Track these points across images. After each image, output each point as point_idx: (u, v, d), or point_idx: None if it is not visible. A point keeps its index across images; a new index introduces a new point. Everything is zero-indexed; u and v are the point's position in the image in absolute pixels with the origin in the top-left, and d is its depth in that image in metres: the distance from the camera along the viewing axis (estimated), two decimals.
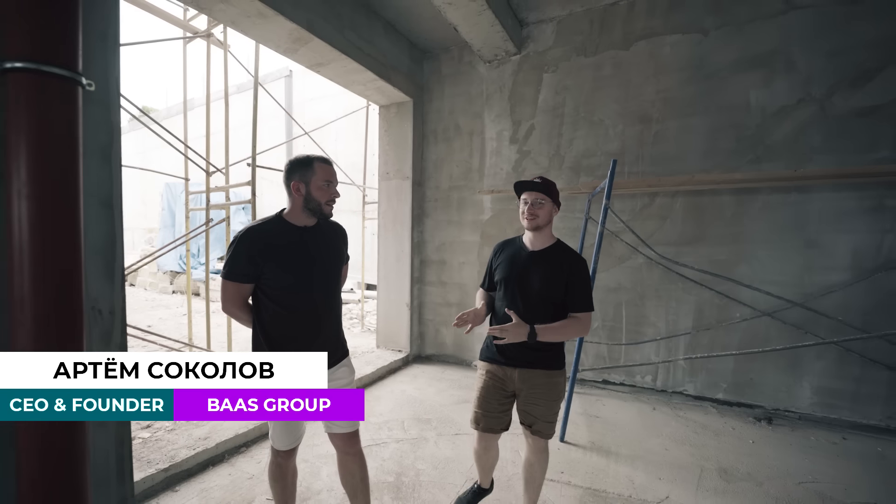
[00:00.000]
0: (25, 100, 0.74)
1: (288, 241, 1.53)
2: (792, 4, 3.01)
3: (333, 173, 1.58)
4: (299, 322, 1.56)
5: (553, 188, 1.71)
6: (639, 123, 3.47)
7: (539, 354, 1.70)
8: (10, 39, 0.73)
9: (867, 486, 2.26)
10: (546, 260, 1.70)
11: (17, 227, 0.74)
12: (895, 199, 2.80)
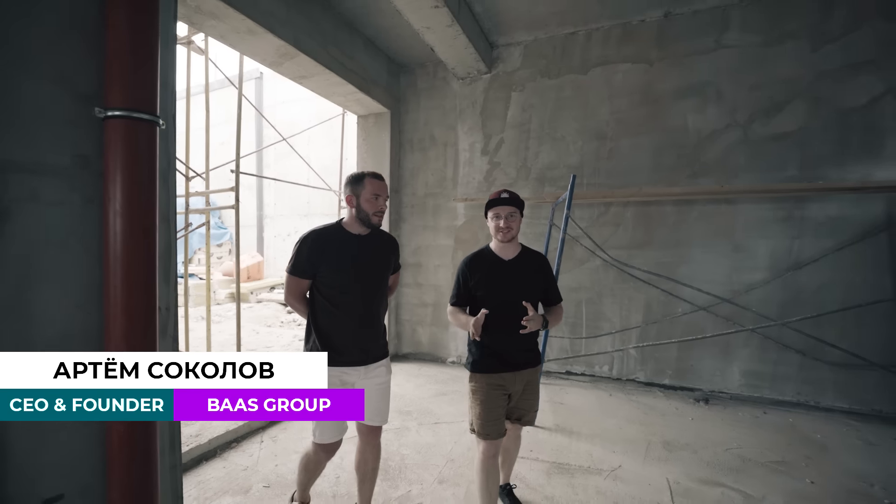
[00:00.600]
0: (121, 139, 0.93)
1: (341, 246, 1.71)
2: (721, 43, 3.52)
3: (382, 187, 1.72)
4: (343, 319, 1.71)
5: (520, 199, 1.84)
6: (595, 140, 3.89)
7: (530, 354, 1.87)
8: (110, 94, 0.92)
9: (779, 449, 2.73)
10: (522, 267, 1.84)
11: (112, 239, 0.93)
12: (801, 210, 3.35)
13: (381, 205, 1.73)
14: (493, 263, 1.84)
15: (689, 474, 2.42)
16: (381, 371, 1.82)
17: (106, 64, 0.92)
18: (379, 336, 1.84)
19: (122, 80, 0.92)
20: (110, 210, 0.92)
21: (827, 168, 3.28)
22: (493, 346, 1.81)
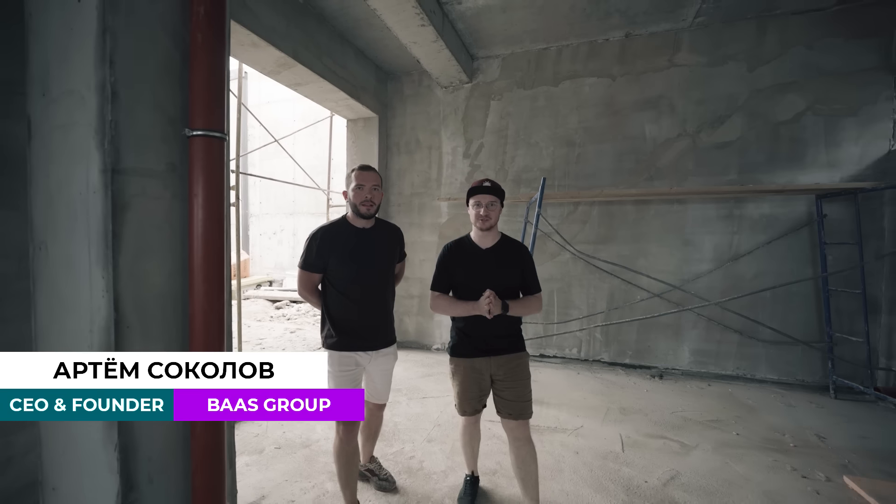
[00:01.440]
0: (202, 151, 1.25)
1: (346, 240, 1.83)
2: (673, 63, 4.01)
3: (366, 177, 1.81)
4: (352, 307, 1.83)
5: (500, 189, 1.86)
6: (565, 146, 4.33)
7: (507, 340, 1.88)
8: (193, 118, 1.25)
9: (716, 411, 3.21)
10: (500, 255, 1.87)
11: (196, 224, 1.24)
12: (740, 210, 3.87)
13: (366, 194, 1.80)
14: (471, 251, 1.89)
15: (639, 431, 2.87)
16: (388, 356, 1.96)
17: (190, 97, 1.25)
18: (387, 322, 1.95)
19: (202, 108, 1.25)
20: (194, 203, 1.25)
21: (760, 173, 3.80)
22: (469, 332, 1.86)
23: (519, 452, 1.82)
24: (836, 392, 3.55)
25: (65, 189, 1.18)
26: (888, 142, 3.52)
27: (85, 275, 1.15)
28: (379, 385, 1.99)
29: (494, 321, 1.79)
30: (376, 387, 1.98)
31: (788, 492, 2.19)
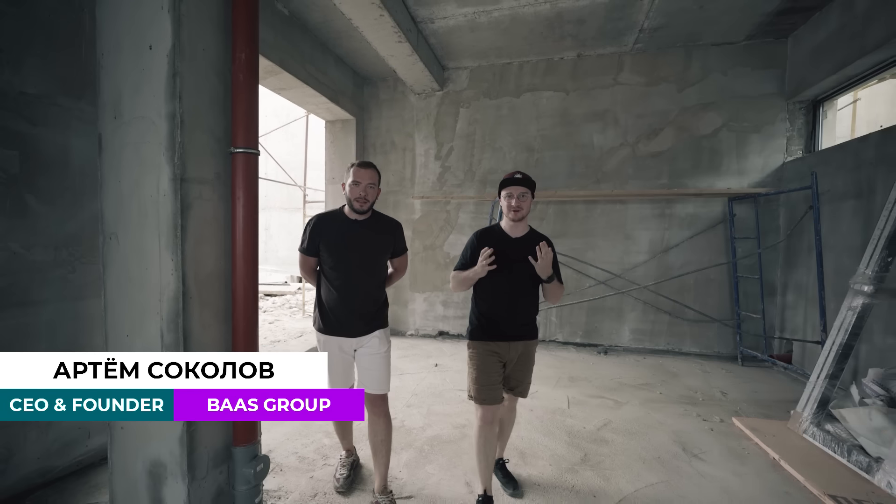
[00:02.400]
0: (242, 164, 1.62)
1: (338, 229, 1.90)
2: (617, 81, 4.62)
3: (363, 174, 1.86)
4: (336, 293, 1.89)
5: (532, 181, 1.89)
6: (526, 151, 4.87)
7: (528, 327, 1.95)
8: (235, 139, 1.62)
9: (647, 378, 3.86)
10: (529, 245, 1.86)
11: (238, 220, 1.61)
12: (670, 209, 4.56)
13: (360, 191, 1.84)
14: (501, 239, 1.91)
15: (583, 393, 3.45)
16: (374, 342, 1.93)
17: (233, 122, 1.61)
18: (371, 310, 1.94)
19: (242, 131, 1.62)
20: (237, 204, 1.62)
21: (686, 178, 4.50)
22: (491, 317, 1.90)
23: (506, 416, 2.11)
24: (743, 360, 4.32)
25: (136, 192, 1.52)
26: (783, 155, 4.29)
27: (155, 258, 1.51)
28: (373, 370, 1.93)
29: (518, 307, 1.89)
30: (371, 373, 1.94)
31: (691, 430, 2.82)
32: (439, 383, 3.64)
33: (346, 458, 2.24)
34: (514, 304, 1.89)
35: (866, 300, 2.61)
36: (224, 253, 1.64)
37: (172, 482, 1.53)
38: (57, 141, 2.06)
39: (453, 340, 5.09)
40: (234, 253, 1.64)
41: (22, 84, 1.92)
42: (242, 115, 1.62)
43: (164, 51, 1.46)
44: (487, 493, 1.95)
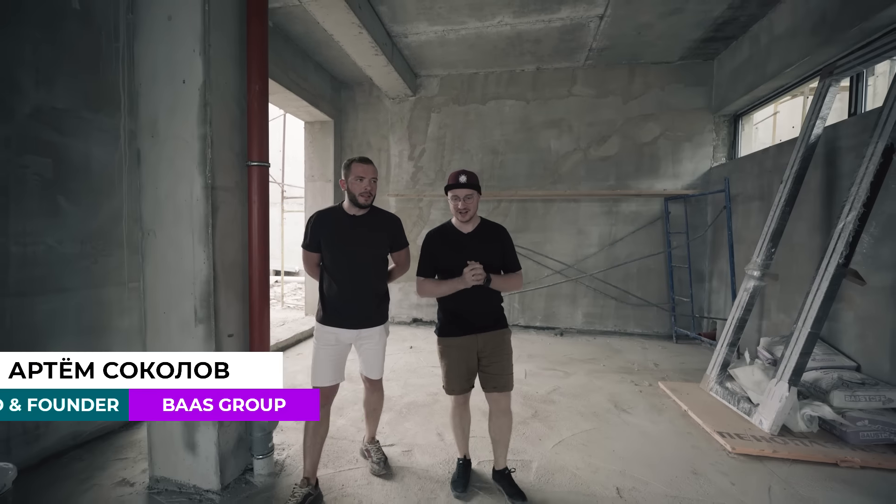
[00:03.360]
0: (256, 175, 2.01)
1: (338, 224, 1.93)
2: (571, 93, 5.19)
3: (366, 170, 1.87)
4: (336, 286, 1.93)
5: (476, 179, 1.91)
6: (491, 154, 5.38)
7: (493, 317, 1.97)
8: (251, 154, 2.01)
9: (594, 354, 4.48)
10: (481, 238, 1.93)
11: (253, 219, 2.02)
12: (616, 207, 5.19)
13: (366, 186, 1.87)
14: (454, 237, 1.96)
15: (538, 367, 4.02)
16: (373, 336, 2.02)
17: (248, 140, 2.00)
18: (371, 305, 1.98)
19: (256, 148, 2.01)
20: (252, 207, 2.01)
21: (630, 180, 5.14)
22: (456, 312, 1.94)
23: (499, 421, 2.00)
24: (677, 338, 5.02)
25: (171, 197, 1.89)
26: (710, 161, 5.00)
27: (189, 250, 1.89)
28: (367, 361, 2.09)
29: (478, 299, 1.90)
30: (369, 362, 2.09)
31: (623, 392, 3.42)
32: (414, 361, 4.12)
33: (300, 489, 1.90)
34: (475, 297, 1.89)
35: (756, 283, 3.28)
36: (242, 246, 2.04)
37: (205, 429, 1.93)
38: (81, 149, 2.36)
39: (426, 326, 5.57)
40: (251, 246, 2.04)
41: (53, 100, 2.22)
42: (256, 135, 2.02)
43: (196, 85, 1.84)
44: (466, 458, 2.14)
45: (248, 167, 2.02)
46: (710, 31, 4.29)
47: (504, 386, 1.95)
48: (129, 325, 2.68)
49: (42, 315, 2.20)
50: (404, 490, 2.07)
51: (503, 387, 1.95)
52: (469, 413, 2.11)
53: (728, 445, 2.47)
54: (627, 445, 2.54)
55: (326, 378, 1.95)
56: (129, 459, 2.29)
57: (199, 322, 1.89)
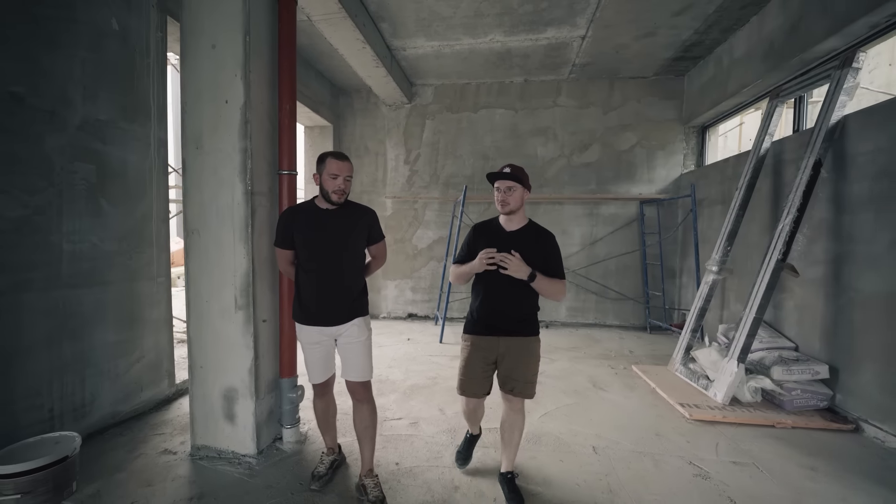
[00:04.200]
0: (286, 182, 2.32)
1: (309, 219, 1.88)
2: (556, 103, 5.61)
3: (342, 167, 1.81)
4: (310, 283, 1.90)
5: (522, 173, 1.83)
6: (482, 159, 5.75)
7: (523, 323, 1.88)
8: (281, 163, 2.32)
9: (575, 343, 4.90)
10: (523, 238, 1.85)
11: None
12: (597, 210, 5.63)
13: (339, 184, 1.81)
14: (496, 233, 1.90)
15: None
16: (353, 331, 1.91)
17: (279, 152, 2.31)
18: (346, 300, 1.91)
19: (286, 158, 2.32)
20: (283, 207, 2.34)
21: (609, 185, 5.59)
22: (483, 311, 1.89)
23: (511, 419, 1.95)
24: (651, 329, 5.49)
25: (214, 201, 2.19)
26: (680, 168, 5.49)
27: (230, 247, 2.19)
28: (348, 359, 1.94)
29: (509, 301, 1.84)
30: (350, 361, 1.94)
31: (601, 374, 3.83)
32: (413, 351, 4.46)
33: (327, 456, 2.15)
34: (504, 300, 1.84)
35: (714, 277, 3.74)
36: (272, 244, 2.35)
37: (243, 401, 2.24)
38: (119, 156, 2.63)
39: (421, 321, 5.91)
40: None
41: (97, 112, 2.48)
42: (286, 148, 2.33)
43: (238, 105, 2.14)
44: (473, 434, 2.21)
45: (279, 175, 2.33)
46: (680, 52, 4.76)
47: (522, 391, 1.87)
48: (157, 315, 2.95)
49: (88, 306, 2.46)
50: (414, 452, 2.41)
51: (521, 392, 1.87)
52: (481, 412, 2.09)
53: (687, 413, 2.89)
54: (603, 415, 2.95)
55: (319, 375, 2.01)
56: (166, 434, 2.58)
57: (239, 309, 2.20)
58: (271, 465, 2.23)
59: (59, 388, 2.31)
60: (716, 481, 2.16)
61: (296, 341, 2.43)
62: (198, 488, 2.03)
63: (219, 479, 2.11)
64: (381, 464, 2.25)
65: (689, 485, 2.14)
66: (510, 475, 2.01)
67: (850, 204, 2.84)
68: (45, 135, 2.21)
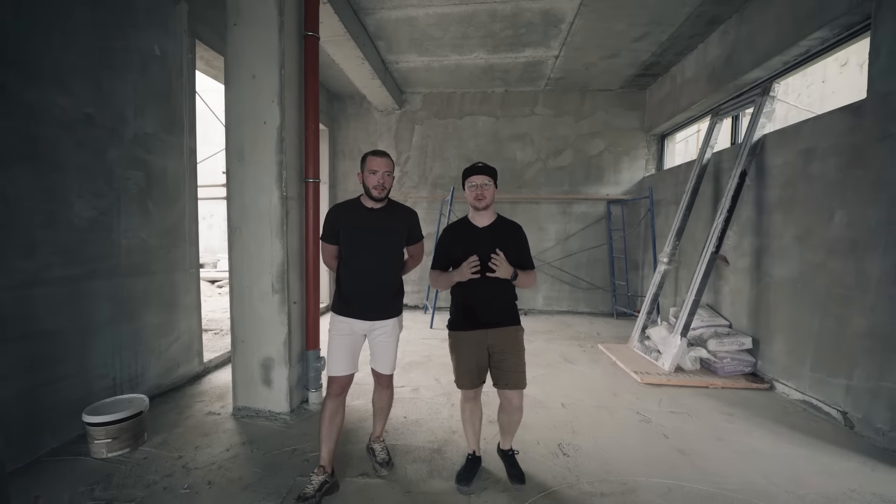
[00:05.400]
0: (311, 189, 2.80)
1: (355, 217, 1.97)
2: (534, 112, 6.21)
3: (380, 163, 1.89)
4: (351, 278, 1.97)
5: (493, 170, 1.89)
6: (466, 162, 6.27)
7: (505, 314, 1.95)
8: (307, 172, 2.80)
9: (551, 328, 5.53)
10: (495, 233, 1.90)
11: (309, 218, 2.81)
12: (570, 209, 6.28)
13: (379, 179, 1.89)
14: (469, 230, 1.95)
15: None
16: (386, 329, 2.03)
17: (305, 163, 2.79)
18: (384, 296, 2.00)
19: (312, 168, 2.80)
20: (308, 211, 2.80)
21: (580, 186, 6.24)
22: (467, 306, 1.93)
23: (509, 416, 2.02)
24: (617, 315, 6.19)
25: (255, 204, 2.65)
26: (643, 171, 6.18)
27: (267, 242, 2.66)
28: (378, 354, 2.07)
29: (491, 294, 1.89)
30: (379, 355, 2.07)
31: (571, 351, 4.46)
32: (406, 335, 4.96)
33: (317, 476, 1.93)
34: (486, 293, 1.89)
35: (665, 267, 4.42)
36: (301, 239, 2.84)
37: (278, 368, 2.73)
38: (160, 164, 3.04)
39: (411, 310, 6.42)
40: (308, 239, 2.84)
41: (144, 126, 2.89)
42: (312, 160, 2.82)
43: (275, 125, 2.61)
44: (476, 454, 2.15)
45: (305, 182, 2.82)
46: (641, 70, 5.41)
47: (516, 383, 1.92)
48: (189, 302, 3.38)
49: (139, 292, 2.88)
50: (417, 409, 2.96)
51: (515, 384, 1.92)
52: (480, 409, 2.10)
53: (639, 378, 3.54)
54: (571, 381, 3.56)
55: (341, 367, 1.98)
56: (206, 401, 3.03)
57: (275, 293, 2.68)
58: (302, 421, 2.73)
59: (120, 361, 2.74)
60: (655, 424, 2.79)
61: (318, 319, 2.92)
62: (246, 436, 2.52)
63: (261, 430, 2.60)
64: (392, 418, 2.78)
65: (634, 427, 2.76)
66: (511, 451, 2.14)
67: (767, 206, 3.52)
68: (108, 148, 2.62)
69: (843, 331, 2.77)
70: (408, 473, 2.17)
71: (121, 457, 2.25)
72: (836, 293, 2.82)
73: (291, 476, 2.11)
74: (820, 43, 3.22)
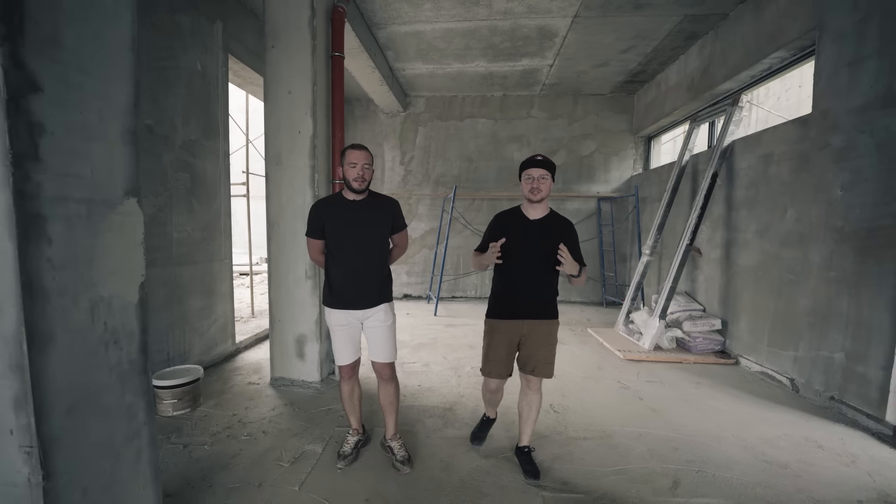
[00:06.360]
0: (337, 189, 3.27)
1: (338, 210, 2.02)
2: (530, 115, 6.64)
3: (359, 156, 1.94)
4: (339, 269, 2.03)
5: (552, 164, 1.88)
6: (467, 162, 6.73)
7: (544, 308, 1.96)
8: (334, 174, 3.23)
9: None
10: (547, 227, 1.91)
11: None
12: (564, 205, 6.73)
13: (359, 171, 1.93)
14: (520, 221, 1.95)
15: None
16: (380, 315, 2.06)
17: (332, 167, 3.21)
18: (373, 285, 2.04)
19: (337, 171, 3.25)
20: None
21: (573, 184, 6.69)
22: (505, 295, 1.95)
23: (529, 398, 2.06)
24: (606, 304, 6.68)
25: (290, 203, 3.08)
26: (631, 171, 6.65)
27: (301, 235, 3.08)
28: (374, 341, 2.09)
29: (532, 285, 1.93)
30: (376, 343, 2.09)
31: (563, 335, 4.92)
32: (413, 322, 5.44)
33: (352, 437, 2.24)
34: (526, 285, 1.91)
35: (647, 258, 4.90)
36: None
37: (311, 343, 3.17)
38: (201, 166, 3.45)
39: (415, 300, 6.88)
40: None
41: (189, 133, 3.30)
42: (338, 164, 3.24)
43: (308, 135, 3.03)
44: (490, 417, 2.31)
45: (332, 184, 3.25)
46: (629, 77, 5.86)
47: (542, 372, 1.98)
48: (224, 289, 3.80)
49: (186, 279, 3.30)
50: (429, 380, 3.41)
51: (541, 372, 1.98)
52: (501, 395, 2.19)
53: (621, 355, 4.02)
54: (561, 358, 3.98)
55: (345, 357, 2.11)
56: (244, 374, 3.47)
57: (308, 278, 3.11)
58: (331, 389, 3.18)
59: (171, 338, 3.17)
60: (633, 390, 3.27)
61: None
62: (286, 399, 2.97)
63: (297, 396, 3.04)
64: (407, 385, 3.23)
65: (615, 392, 3.24)
66: (527, 449, 2.14)
67: (735, 204, 4.00)
68: (163, 153, 3.03)
69: (792, 310, 3.26)
70: (426, 426, 2.63)
71: (184, 415, 2.69)
72: (786, 278, 3.31)
73: (331, 427, 2.57)
74: (780, 61, 3.69)
